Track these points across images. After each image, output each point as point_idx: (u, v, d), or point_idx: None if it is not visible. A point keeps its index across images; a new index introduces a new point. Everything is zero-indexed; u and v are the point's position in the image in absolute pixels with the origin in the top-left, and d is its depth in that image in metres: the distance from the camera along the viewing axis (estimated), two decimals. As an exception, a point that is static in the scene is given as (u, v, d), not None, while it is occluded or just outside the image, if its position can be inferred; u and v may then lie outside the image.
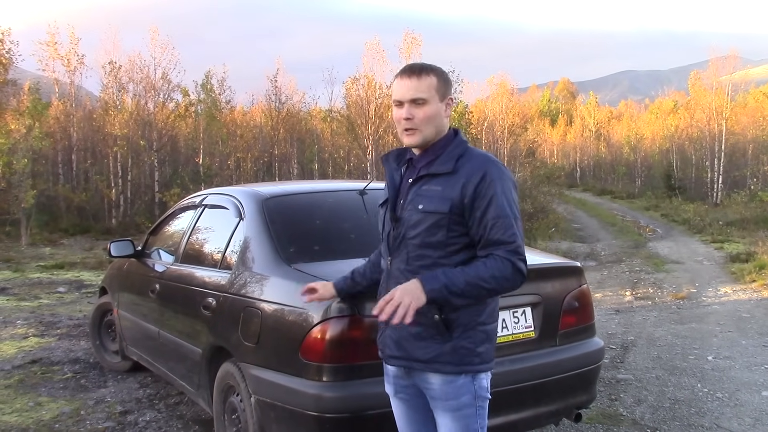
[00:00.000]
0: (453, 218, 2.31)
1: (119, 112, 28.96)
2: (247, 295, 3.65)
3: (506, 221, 2.28)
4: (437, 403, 2.42)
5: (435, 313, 2.30)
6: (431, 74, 2.38)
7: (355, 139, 31.81)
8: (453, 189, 2.31)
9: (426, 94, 2.36)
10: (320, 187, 5.01)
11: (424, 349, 2.36)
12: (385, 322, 2.35)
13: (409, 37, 30.56)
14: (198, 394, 4.25)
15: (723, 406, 5.01)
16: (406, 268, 2.38)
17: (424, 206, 2.34)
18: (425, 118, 2.36)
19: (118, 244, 5.49)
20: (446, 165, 2.36)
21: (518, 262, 2.27)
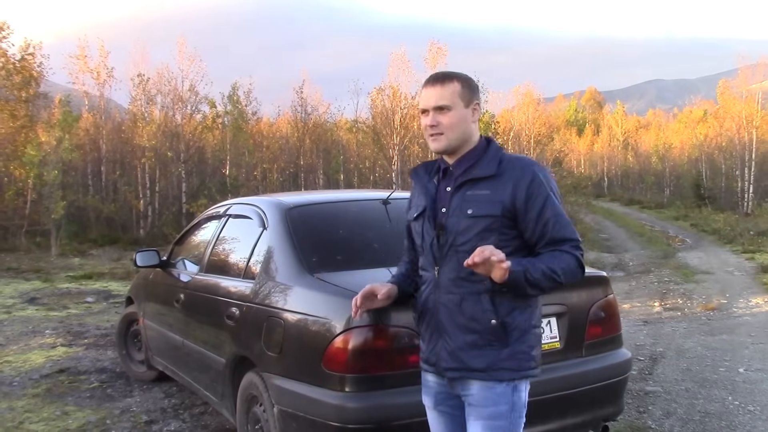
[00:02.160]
0: (504, 221, 2.31)
1: (147, 124, 29.28)
2: (270, 305, 3.64)
3: (564, 219, 2.34)
4: (472, 410, 2.38)
5: (492, 317, 2.30)
6: (455, 81, 2.40)
7: (380, 150, 31.87)
8: (503, 192, 2.32)
9: (449, 101, 2.37)
10: (343, 196, 5.00)
11: (480, 358, 2.33)
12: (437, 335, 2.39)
13: (435, 47, 30.66)
14: (222, 404, 4.24)
15: (755, 419, 4.90)
16: (458, 276, 2.35)
17: (474, 211, 2.33)
18: (449, 124, 2.37)
19: (144, 254, 5.53)
20: (488, 168, 2.36)
21: (581, 257, 2.34)
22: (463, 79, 2.42)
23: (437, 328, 2.41)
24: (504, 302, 2.31)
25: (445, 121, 2.38)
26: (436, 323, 2.41)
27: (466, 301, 2.33)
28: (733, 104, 40.66)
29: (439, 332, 2.40)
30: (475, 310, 2.32)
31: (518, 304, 2.33)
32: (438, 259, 2.41)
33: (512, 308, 2.32)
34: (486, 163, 2.38)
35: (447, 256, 2.38)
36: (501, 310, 2.30)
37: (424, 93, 2.44)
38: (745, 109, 38.92)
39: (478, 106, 2.45)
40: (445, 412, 2.53)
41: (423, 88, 2.46)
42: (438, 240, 2.40)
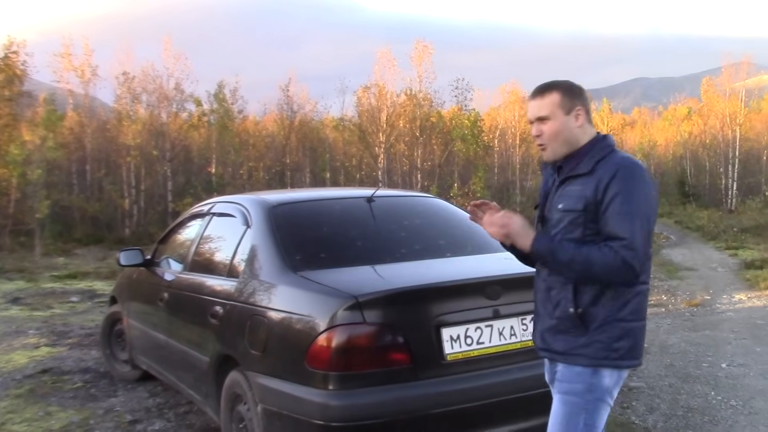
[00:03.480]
0: (587, 216, 2.42)
1: (133, 123, 29.15)
2: (254, 304, 3.64)
3: (627, 218, 2.36)
4: (556, 384, 2.57)
5: (571, 306, 2.44)
6: (554, 91, 2.53)
7: (366, 148, 31.86)
8: (588, 188, 2.43)
9: (548, 112, 2.52)
10: (327, 194, 5.00)
11: (561, 341, 2.50)
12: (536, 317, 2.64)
13: (420, 46, 30.67)
14: (206, 403, 4.23)
15: (737, 414, 4.94)
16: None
17: (564, 205, 2.48)
18: (550, 133, 2.52)
19: (128, 253, 5.50)
20: (585, 166, 2.48)
21: (629, 258, 2.32)
22: (563, 88, 2.54)
23: (536, 310, 2.66)
24: (586, 293, 2.43)
25: (546, 130, 2.52)
26: (535, 306, 2.66)
27: (554, 288, 2.51)
28: (717, 102, 40.96)
29: (536, 314, 2.65)
30: (560, 297, 2.49)
31: (602, 296, 2.42)
32: None
33: (595, 300, 2.42)
34: (586, 162, 2.49)
35: None
36: (582, 300, 2.43)
37: (528, 105, 2.61)
38: (729, 107, 39.20)
39: (581, 110, 2.55)
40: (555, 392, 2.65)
41: (528, 100, 2.62)
42: (541, 231, 2.58)
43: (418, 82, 30.82)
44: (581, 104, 2.54)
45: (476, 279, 3.43)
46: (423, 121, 30.72)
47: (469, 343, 3.28)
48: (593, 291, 2.42)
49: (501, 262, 4.00)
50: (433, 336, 3.20)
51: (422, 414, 3.12)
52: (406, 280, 3.42)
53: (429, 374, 3.17)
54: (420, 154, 30.82)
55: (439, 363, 3.20)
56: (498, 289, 3.35)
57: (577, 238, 2.42)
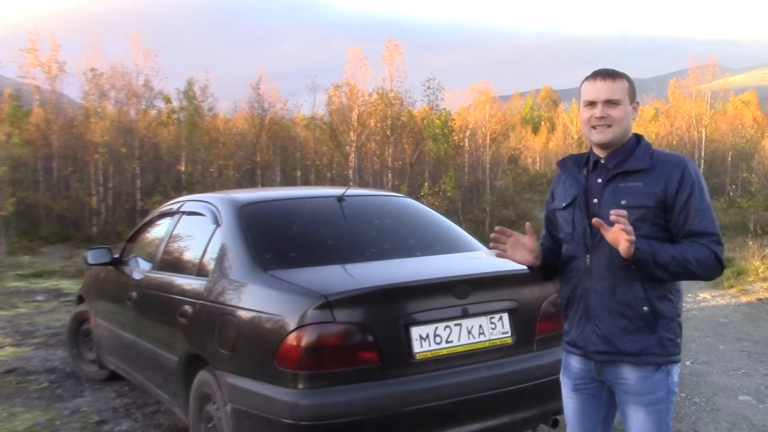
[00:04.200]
0: (656, 212, 2.41)
1: (101, 120, 28.73)
2: (224, 303, 3.62)
3: (708, 214, 2.41)
4: (631, 397, 2.50)
5: (644, 305, 2.41)
6: (624, 79, 2.51)
7: (337, 147, 31.80)
8: (656, 184, 2.41)
9: (620, 96, 2.48)
10: (298, 193, 4.99)
11: (633, 342, 2.44)
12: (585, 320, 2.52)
13: (392, 45, 30.69)
14: (174, 402, 4.21)
15: (700, 410, 5.04)
16: (611, 264, 2.44)
17: (628, 201, 2.41)
18: (618, 117, 2.48)
19: (96, 251, 5.45)
20: (642, 162, 2.46)
21: (720, 252, 2.39)
22: (628, 78, 2.54)
23: (586, 313, 2.53)
24: (654, 291, 2.42)
25: (614, 114, 2.48)
26: (586, 308, 2.53)
27: (619, 287, 2.44)
28: (683, 103, 41.57)
29: (588, 317, 2.53)
30: (628, 296, 2.43)
31: (667, 294, 2.45)
32: (590, 248, 2.51)
33: (662, 297, 2.44)
34: (639, 157, 2.48)
35: (600, 244, 2.46)
36: (652, 297, 2.42)
37: (592, 86, 2.52)
38: (695, 109, 39.81)
39: (637, 105, 2.57)
40: (584, 394, 2.65)
41: (590, 80, 2.53)
42: (591, 229, 2.49)
43: (390, 82, 30.85)
44: (637, 99, 2.58)
45: (445, 278, 3.45)
46: (394, 120, 30.74)
47: (438, 341, 3.30)
48: (660, 289, 2.43)
49: (470, 261, 4.05)
50: (403, 335, 3.22)
51: (392, 412, 3.13)
52: (375, 279, 3.43)
53: (398, 373, 3.19)
54: (391, 153, 30.84)
55: (408, 362, 3.22)
56: (467, 288, 3.38)
57: (644, 235, 2.36)
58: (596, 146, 2.56)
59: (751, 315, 8.89)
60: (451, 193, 27.98)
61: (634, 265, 2.34)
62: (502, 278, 3.62)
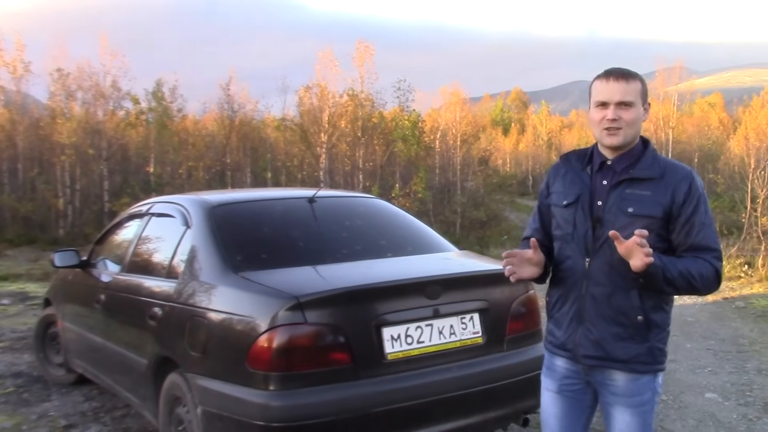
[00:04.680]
0: (662, 223, 2.38)
1: (67, 120, 28.44)
2: (194, 305, 3.60)
3: (711, 229, 2.40)
4: (619, 399, 2.50)
5: (639, 314, 2.39)
6: (637, 80, 2.45)
7: (308, 148, 31.74)
8: (664, 195, 2.38)
9: (633, 98, 2.41)
10: (268, 195, 4.97)
11: (624, 350, 2.42)
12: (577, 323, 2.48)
13: (362, 46, 30.73)
14: (144, 406, 4.17)
15: (668, 408, 5.10)
16: (610, 270, 2.40)
17: (635, 210, 2.38)
18: (630, 120, 2.41)
19: (63, 254, 5.38)
20: (651, 170, 2.42)
21: (720, 269, 2.38)
22: (642, 79, 2.48)
23: (579, 315, 2.49)
24: (650, 300, 2.40)
25: (626, 116, 2.40)
26: (579, 311, 2.49)
27: (616, 294, 2.41)
28: (651, 105, 42.13)
29: (580, 320, 2.48)
30: (624, 304, 2.40)
31: (661, 304, 2.44)
32: (590, 251, 2.45)
33: (656, 307, 2.42)
34: (648, 165, 2.43)
35: (601, 248, 2.42)
36: (647, 307, 2.40)
37: (605, 86, 2.44)
38: (663, 110, 40.40)
39: (648, 106, 2.52)
40: (567, 396, 2.62)
41: (603, 80, 2.45)
42: (593, 232, 2.45)
43: (360, 83, 30.89)
44: (649, 101, 2.52)
45: (416, 279, 3.46)
46: (365, 121, 30.78)
47: (409, 342, 3.31)
48: (655, 298, 2.41)
49: (441, 262, 4.07)
50: (374, 335, 3.22)
51: (363, 413, 3.13)
52: (347, 280, 3.43)
53: (370, 373, 3.19)
54: (362, 154, 30.86)
55: (379, 362, 3.22)
56: (438, 289, 3.39)
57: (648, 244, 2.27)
58: (606, 148, 2.49)
59: (717, 314, 9.04)
60: (422, 195, 28.07)
61: (642, 279, 2.31)
62: (472, 279, 3.63)
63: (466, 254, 4.43)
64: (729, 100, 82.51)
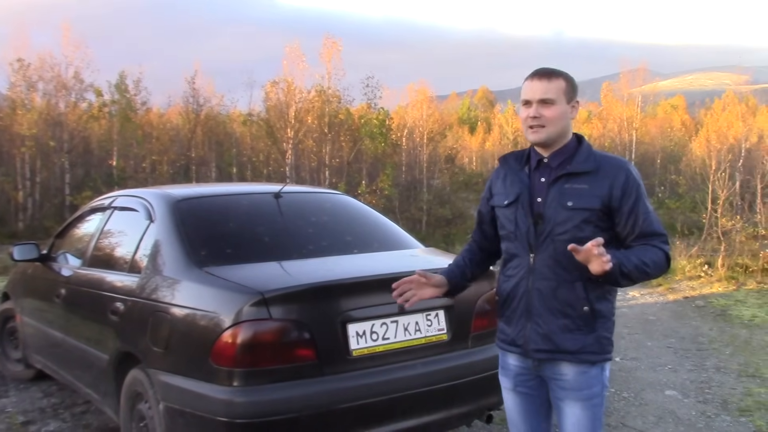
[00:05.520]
0: (600, 214, 2.44)
1: (28, 112, 27.88)
2: (157, 300, 3.56)
3: (653, 215, 2.47)
4: (568, 393, 2.53)
5: (585, 305, 2.45)
6: (560, 78, 2.50)
7: (274, 143, 31.56)
8: (601, 187, 2.44)
9: (554, 95, 2.47)
10: (234, 189, 4.94)
11: (572, 341, 2.47)
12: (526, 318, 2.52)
13: (329, 42, 30.62)
14: (105, 402, 4.11)
15: (629, 405, 5.18)
16: (554, 264, 2.46)
17: (574, 203, 2.44)
18: (552, 117, 2.47)
19: (22, 247, 5.28)
20: (587, 164, 2.48)
21: (668, 251, 2.47)
22: (567, 77, 2.52)
23: (527, 311, 2.53)
24: (595, 291, 2.46)
25: (548, 114, 2.47)
26: (527, 307, 2.53)
27: (561, 287, 2.46)
28: (615, 106, 42.68)
29: (528, 315, 2.53)
30: (570, 296, 2.46)
31: (606, 294, 2.50)
32: (534, 247, 2.50)
33: (601, 297, 2.48)
34: (583, 159, 2.49)
35: (544, 244, 2.48)
36: (592, 298, 2.46)
37: (529, 85, 2.51)
38: (626, 112, 40.92)
39: (577, 104, 2.56)
40: (524, 393, 2.67)
41: (528, 80, 2.52)
42: (535, 228, 2.49)
43: (327, 79, 30.78)
44: (577, 98, 2.56)
45: (382, 275, 3.45)
46: (332, 117, 30.69)
47: (374, 338, 3.31)
48: (600, 289, 2.46)
49: (406, 258, 4.07)
50: (339, 332, 3.22)
51: (328, 409, 3.13)
52: (312, 276, 3.42)
53: (335, 370, 3.19)
54: (328, 150, 30.78)
55: (344, 358, 3.22)
56: (404, 286, 3.38)
57: (588, 236, 2.34)
58: (540, 146, 2.55)
59: (677, 312, 9.18)
60: (388, 192, 28.09)
61: (602, 279, 2.35)
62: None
63: (431, 251, 4.44)
64: (691, 103, 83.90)
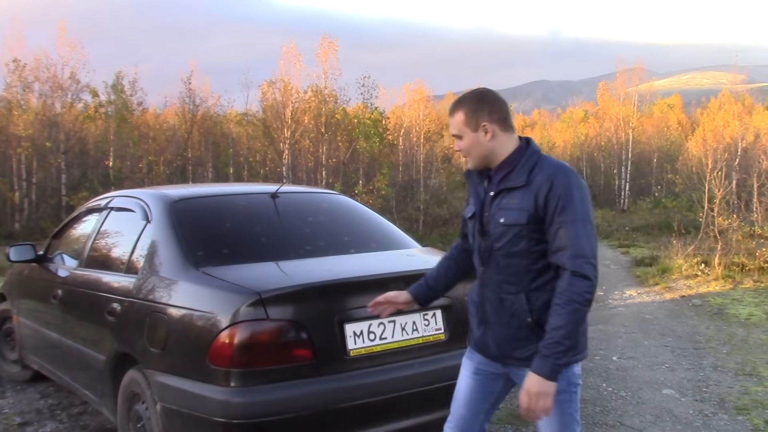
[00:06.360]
0: (531, 228, 2.43)
1: (24, 112, 27.82)
2: (154, 300, 3.55)
3: (571, 225, 2.36)
4: None
5: (528, 316, 2.46)
6: (459, 110, 2.55)
7: (270, 144, 31.52)
8: (528, 200, 2.43)
9: (458, 131, 2.56)
10: (231, 189, 4.93)
11: (521, 349, 2.51)
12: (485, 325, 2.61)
13: (326, 42, 30.57)
14: (102, 403, 4.11)
15: (626, 404, 5.18)
16: (498, 278, 2.53)
17: (505, 219, 2.47)
18: (466, 148, 2.56)
19: (19, 248, 5.27)
20: (520, 178, 2.47)
21: (579, 267, 2.32)
22: (467, 104, 2.55)
23: (484, 319, 2.62)
24: (538, 301, 2.46)
25: (462, 146, 2.57)
26: (483, 315, 2.62)
27: (506, 299, 2.52)
28: (611, 106, 42.69)
29: (485, 323, 2.62)
30: (514, 307, 2.50)
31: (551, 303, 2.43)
32: (483, 260, 2.59)
33: (546, 306, 2.42)
34: (518, 173, 2.48)
35: (490, 258, 2.55)
36: (536, 308, 2.46)
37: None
38: (623, 111, 40.92)
39: (488, 125, 2.51)
40: (478, 379, 2.72)
41: None
42: (483, 243, 2.57)
43: (324, 79, 30.74)
44: (488, 119, 2.50)
45: (379, 275, 3.46)
46: (328, 117, 30.65)
47: (372, 338, 3.31)
48: (545, 296, 2.44)
49: (404, 258, 4.07)
50: (337, 332, 3.22)
51: (325, 409, 3.13)
52: (309, 276, 3.42)
53: (332, 370, 3.18)
54: (325, 150, 30.74)
55: (342, 358, 3.21)
56: (401, 285, 3.36)
57: (524, 250, 2.43)
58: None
59: (674, 311, 9.19)
60: (385, 191, 28.05)
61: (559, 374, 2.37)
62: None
63: (428, 251, 4.43)
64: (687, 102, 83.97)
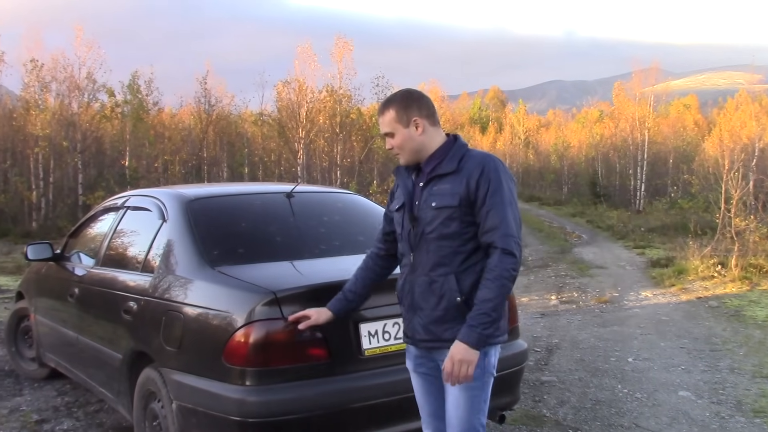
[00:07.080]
0: (462, 210, 2.61)
1: (41, 112, 28.01)
2: (170, 299, 3.57)
3: (500, 207, 2.57)
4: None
5: (458, 296, 2.61)
6: (390, 108, 2.73)
7: (285, 143, 31.61)
8: (459, 185, 2.62)
9: (389, 128, 2.74)
10: (246, 189, 4.95)
11: (449, 330, 2.63)
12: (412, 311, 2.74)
13: (341, 42, 30.62)
14: (118, 401, 4.13)
15: (642, 406, 5.15)
16: (429, 261, 2.67)
17: (437, 203, 2.64)
18: (398, 144, 2.74)
19: (36, 247, 5.31)
20: (450, 165, 2.67)
21: (508, 245, 2.55)
22: (397, 102, 2.73)
23: (412, 305, 2.75)
24: (467, 280, 2.62)
25: (394, 143, 2.74)
26: (411, 301, 2.75)
27: (435, 281, 2.65)
28: (627, 106, 42.39)
29: (413, 309, 2.74)
30: (444, 288, 2.64)
31: (479, 284, 2.58)
32: (413, 246, 2.72)
33: (475, 285, 2.59)
34: (448, 161, 2.68)
35: (420, 243, 2.70)
36: (465, 288, 2.61)
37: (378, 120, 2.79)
38: (638, 111, 40.62)
39: (419, 120, 2.72)
40: (424, 374, 2.85)
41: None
42: (413, 229, 2.71)
43: (339, 79, 30.79)
44: (418, 114, 2.71)
45: (394, 275, 3.45)
46: (343, 117, 30.71)
47: (386, 338, 3.31)
48: (473, 277, 2.61)
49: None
50: (351, 331, 3.22)
51: (340, 409, 3.13)
52: (324, 275, 3.42)
53: (347, 369, 3.19)
54: (340, 150, 30.81)
55: (356, 358, 3.22)
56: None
57: (455, 232, 2.61)
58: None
59: (690, 313, 9.13)
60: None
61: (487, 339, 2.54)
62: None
63: None
64: (704, 102, 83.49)
